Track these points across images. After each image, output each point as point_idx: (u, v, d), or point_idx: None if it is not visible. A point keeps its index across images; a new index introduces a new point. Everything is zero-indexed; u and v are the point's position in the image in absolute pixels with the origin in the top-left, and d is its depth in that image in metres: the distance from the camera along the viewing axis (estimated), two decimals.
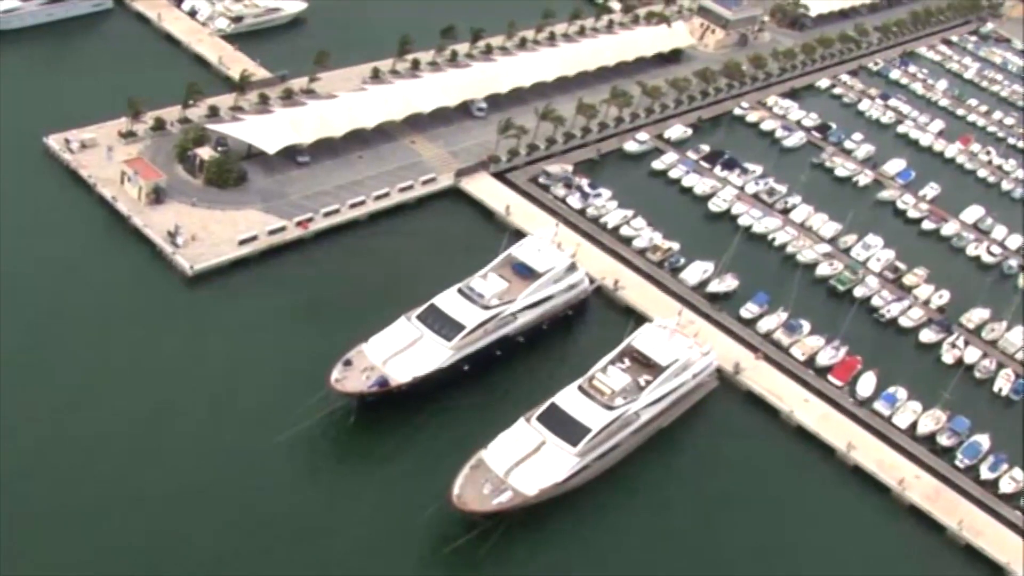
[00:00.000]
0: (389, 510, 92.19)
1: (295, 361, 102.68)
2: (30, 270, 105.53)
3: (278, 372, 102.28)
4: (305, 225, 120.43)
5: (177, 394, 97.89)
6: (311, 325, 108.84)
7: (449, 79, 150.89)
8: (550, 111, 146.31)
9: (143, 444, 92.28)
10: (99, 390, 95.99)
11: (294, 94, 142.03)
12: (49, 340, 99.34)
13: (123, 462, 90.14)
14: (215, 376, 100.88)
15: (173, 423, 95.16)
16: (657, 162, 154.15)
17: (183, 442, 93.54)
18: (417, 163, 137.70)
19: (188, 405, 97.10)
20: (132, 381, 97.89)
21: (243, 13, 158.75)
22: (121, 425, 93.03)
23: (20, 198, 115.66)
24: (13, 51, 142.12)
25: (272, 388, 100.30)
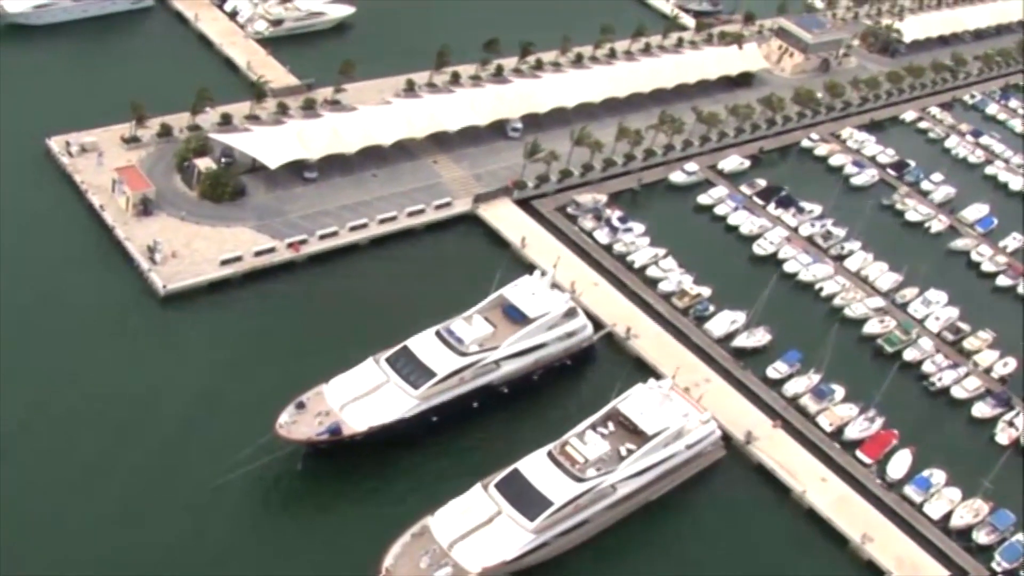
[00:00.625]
0: (318, 573, 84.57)
1: (255, 396, 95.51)
2: (1, 276, 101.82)
3: (234, 407, 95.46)
4: (296, 247, 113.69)
5: (120, 422, 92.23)
6: (281, 357, 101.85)
7: (484, 95, 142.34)
8: (585, 135, 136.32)
9: (70, 475, 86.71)
10: (43, 408, 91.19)
11: (316, 105, 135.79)
12: (3, 350, 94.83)
13: (43, 494, 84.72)
14: (165, 405, 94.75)
15: (110, 453, 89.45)
16: (704, 196, 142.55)
17: (116, 476, 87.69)
18: (435, 185, 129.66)
19: (129, 436, 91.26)
20: (76, 404, 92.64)
21: (283, 16, 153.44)
22: (49, 453, 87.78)
23: (10, 201, 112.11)
24: (41, 47, 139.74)
25: (223, 424, 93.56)
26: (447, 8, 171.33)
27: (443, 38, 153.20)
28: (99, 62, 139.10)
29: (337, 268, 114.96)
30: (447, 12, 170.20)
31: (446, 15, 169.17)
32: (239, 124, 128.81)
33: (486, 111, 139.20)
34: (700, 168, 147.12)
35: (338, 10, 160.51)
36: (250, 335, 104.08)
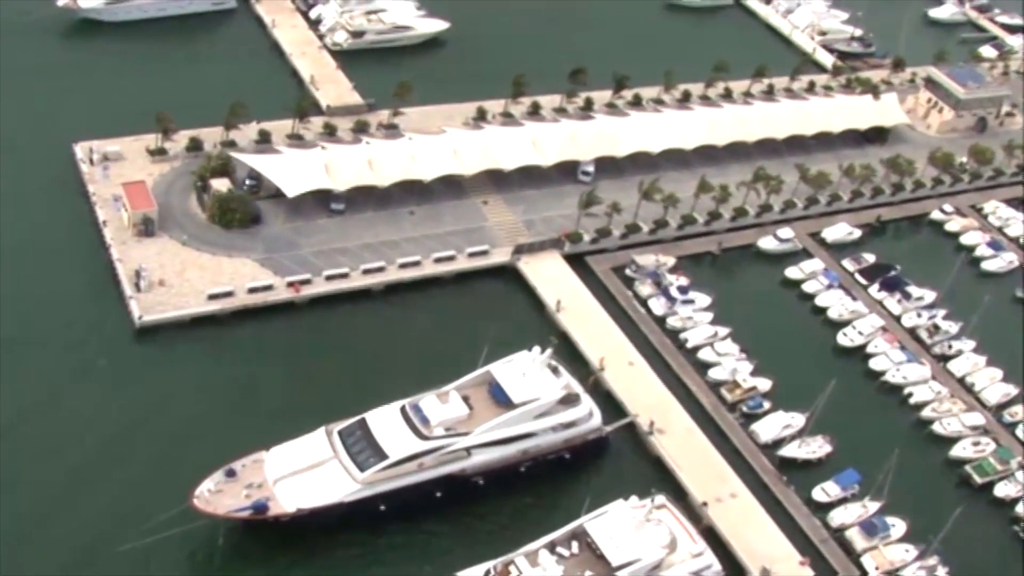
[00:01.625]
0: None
1: (199, 452, 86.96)
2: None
3: (172, 461, 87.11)
4: (296, 288, 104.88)
5: (52, 461, 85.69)
6: (243, 411, 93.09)
7: (551, 132, 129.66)
8: (655, 188, 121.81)
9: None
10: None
11: (369, 128, 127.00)
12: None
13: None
14: (105, 449, 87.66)
15: (28, 494, 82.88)
16: (794, 269, 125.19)
17: (24, 523, 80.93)
18: (478, 229, 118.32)
19: (55, 477, 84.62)
20: (15, 432, 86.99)
21: (365, 28, 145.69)
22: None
23: (22, 204, 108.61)
24: (107, 45, 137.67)
25: (155, 480, 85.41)
26: (555, 32, 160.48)
27: (542, 64, 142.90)
28: (161, 65, 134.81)
29: (340, 315, 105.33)
30: (554, 36, 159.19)
31: (552, 39, 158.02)
32: (279, 143, 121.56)
33: (552, 150, 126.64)
34: (797, 235, 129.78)
35: (430, 25, 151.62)
36: (219, 381, 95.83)
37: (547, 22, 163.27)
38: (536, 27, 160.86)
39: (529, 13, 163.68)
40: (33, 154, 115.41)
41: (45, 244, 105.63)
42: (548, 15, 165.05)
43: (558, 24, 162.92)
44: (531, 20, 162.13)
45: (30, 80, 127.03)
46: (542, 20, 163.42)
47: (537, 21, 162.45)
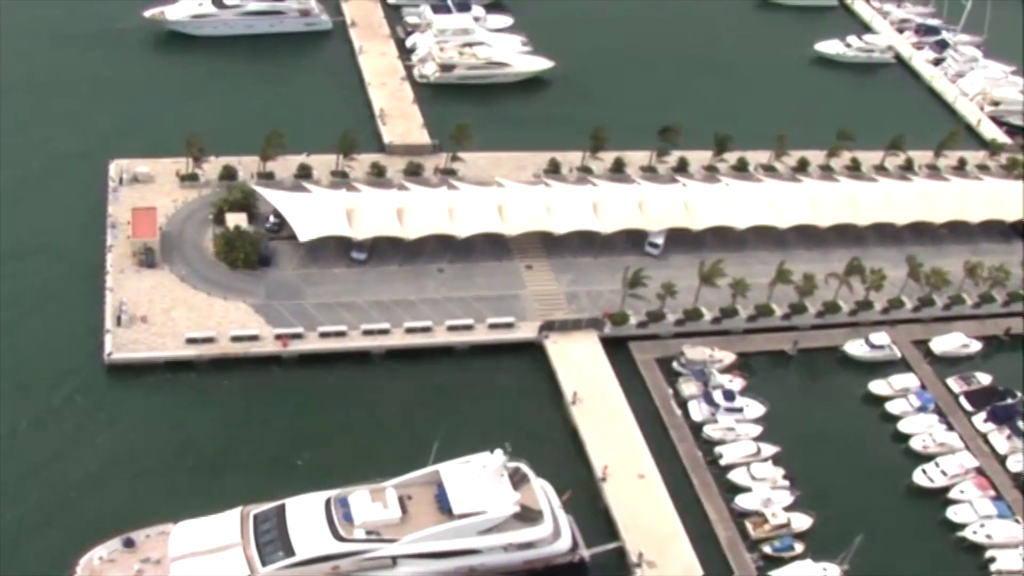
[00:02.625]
0: None
1: (113, 509, 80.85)
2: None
3: (76, 513, 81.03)
4: (285, 341, 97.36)
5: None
6: (181, 471, 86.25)
7: (617, 194, 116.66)
8: (718, 271, 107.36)
9: None
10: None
11: (422, 172, 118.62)
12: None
13: None
14: (18, 491, 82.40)
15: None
16: (880, 383, 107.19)
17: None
18: (512, 297, 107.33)
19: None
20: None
21: (456, 62, 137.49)
22: None
23: (42, 219, 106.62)
24: (184, 58, 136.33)
25: (45, 531, 79.47)
26: (680, 80, 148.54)
27: (652, 114, 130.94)
28: (234, 85, 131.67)
29: (328, 377, 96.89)
30: (678, 85, 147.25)
31: (675, 88, 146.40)
32: (321, 180, 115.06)
33: (615, 214, 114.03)
34: (898, 341, 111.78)
35: (532, 63, 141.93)
36: (170, 433, 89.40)
37: (675, 68, 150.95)
38: (659, 72, 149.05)
39: (658, 56, 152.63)
40: (73, 166, 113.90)
41: (49, 263, 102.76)
42: (680, 60, 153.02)
43: (687, 71, 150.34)
44: (657, 64, 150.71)
45: (98, 89, 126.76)
46: (669, 65, 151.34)
47: (663, 66, 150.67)
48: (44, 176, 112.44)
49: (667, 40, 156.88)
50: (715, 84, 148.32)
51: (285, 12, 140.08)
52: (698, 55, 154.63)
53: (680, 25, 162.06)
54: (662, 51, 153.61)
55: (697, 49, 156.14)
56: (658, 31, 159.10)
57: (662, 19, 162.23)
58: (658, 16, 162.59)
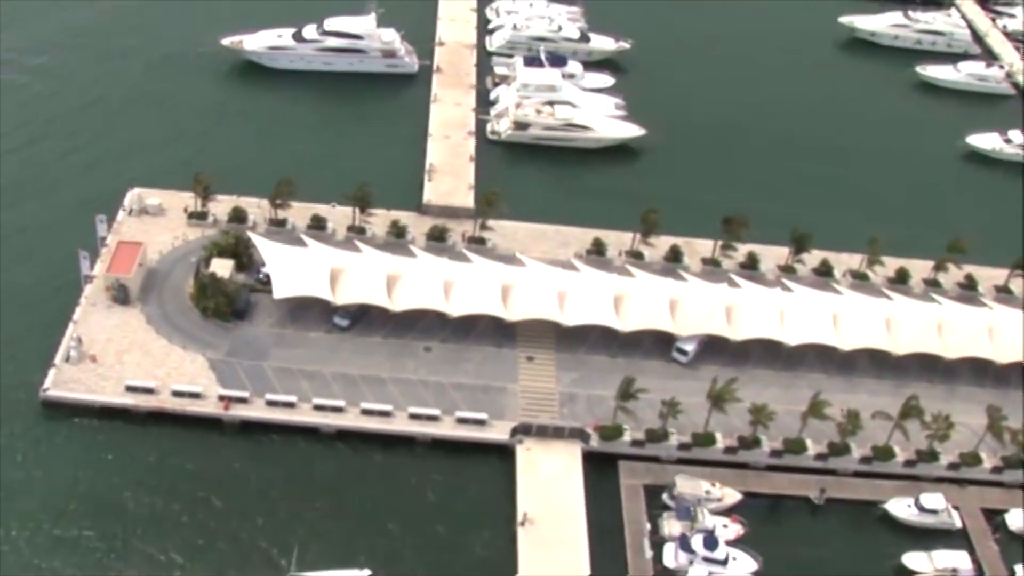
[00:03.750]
0: None
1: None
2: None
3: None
4: (227, 404, 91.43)
5: None
6: (60, 540, 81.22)
7: (644, 289, 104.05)
8: (729, 392, 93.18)
9: None
10: None
11: (446, 238, 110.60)
12: None
13: None
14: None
15: None
16: (919, 556, 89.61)
17: None
18: (498, 390, 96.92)
19: None
20: None
21: (531, 120, 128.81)
22: None
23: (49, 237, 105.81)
24: (255, 92, 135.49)
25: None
26: (798, 165, 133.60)
27: (737, 199, 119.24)
28: (294, 122, 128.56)
29: (268, 451, 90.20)
30: (777, 168, 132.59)
31: (771, 171, 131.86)
32: (337, 232, 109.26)
33: (637, 312, 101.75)
34: (963, 507, 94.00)
35: (619, 129, 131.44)
36: (74, 488, 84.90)
37: (790, 150, 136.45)
38: (768, 153, 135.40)
39: (773, 134, 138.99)
40: (101, 189, 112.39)
41: (35, 282, 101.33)
42: (799, 141, 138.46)
43: (801, 155, 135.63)
44: (769, 143, 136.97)
45: (158, 113, 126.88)
46: (784, 146, 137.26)
47: (776, 146, 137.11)
48: (68, 195, 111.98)
49: (789, 117, 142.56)
50: (832, 171, 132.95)
51: (367, 51, 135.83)
52: (821, 137, 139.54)
53: (813, 101, 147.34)
54: (780, 129, 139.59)
55: (823, 130, 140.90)
56: (783, 106, 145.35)
57: (793, 93, 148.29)
58: (791, 89, 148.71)
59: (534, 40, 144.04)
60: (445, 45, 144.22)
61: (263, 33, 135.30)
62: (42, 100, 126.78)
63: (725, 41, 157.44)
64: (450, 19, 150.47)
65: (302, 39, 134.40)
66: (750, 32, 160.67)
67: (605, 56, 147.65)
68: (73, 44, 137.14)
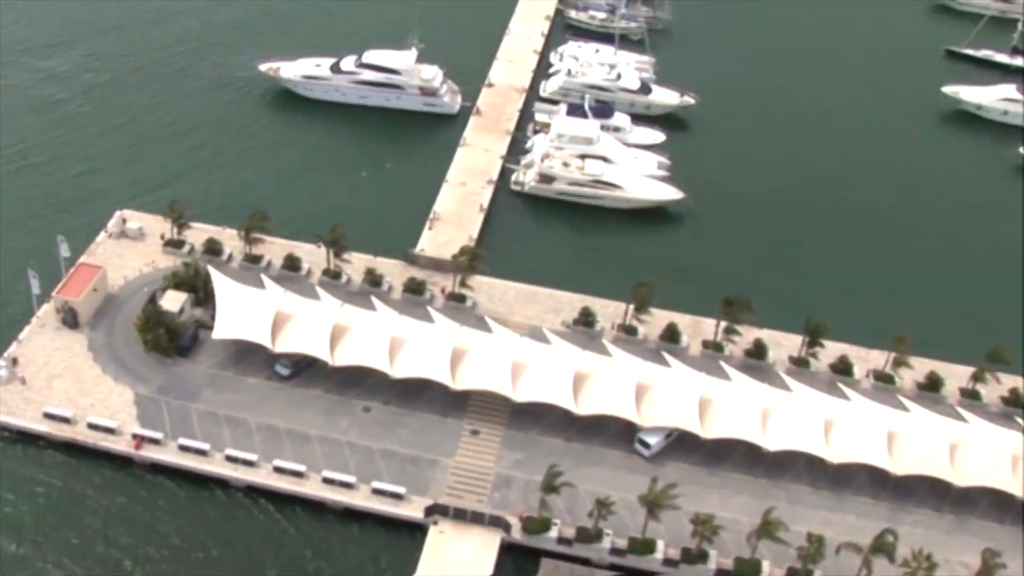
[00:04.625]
0: None
1: None
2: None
3: None
4: (139, 444, 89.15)
5: None
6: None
7: (621, 371, 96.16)
8: (665, 498, 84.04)
9: None
10: None
11: (423, 291, 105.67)
12: None
13: None
14: None
15: None
16: None
17: None
18: (429, 463, 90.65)
19: None
20: None
21: (557, 174, 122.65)
22: None
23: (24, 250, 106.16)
24: (285, 120, 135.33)
25: None
26: (829, 243, 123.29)
27: (771, 277, 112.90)
28: (309, 155, 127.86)
29: (172, 496, 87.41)
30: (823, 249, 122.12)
31: (816, 251, 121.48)
32: (314, 273, 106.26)
33: (597, 396, 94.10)
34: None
35: (652, 190, 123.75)
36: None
37: (863, 231, 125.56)
38: (833, 232, 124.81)
39: (830, 212, 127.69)
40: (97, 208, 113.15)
41: None
42: (874, 224, 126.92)
43: (873, 239, 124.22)
44: (835, 222, 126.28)
45: (176, 135, 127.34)
46: (857, 224, 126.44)
47: (847, 223, 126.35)
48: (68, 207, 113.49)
49: (861, 193, 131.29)
50: (897, 256, 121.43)
51: (404, 88, 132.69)
52: (895, 216, 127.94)
53: (894, 176, 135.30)
54: (846, 205, 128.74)
55: (899, 209, 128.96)
56: (857, 179, 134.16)
57: (872, 166, 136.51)
58: (870, 162, 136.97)
59: (589, 88, 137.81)
60: (494, 87, 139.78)
61: (302, 61, 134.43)
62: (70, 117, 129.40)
63: (807, 103, 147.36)
64: (508, 60, 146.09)
65: (339, 70, 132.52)
66: (837, 94, 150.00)
67: (666, 110, 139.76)
68: (118, 64, 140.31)
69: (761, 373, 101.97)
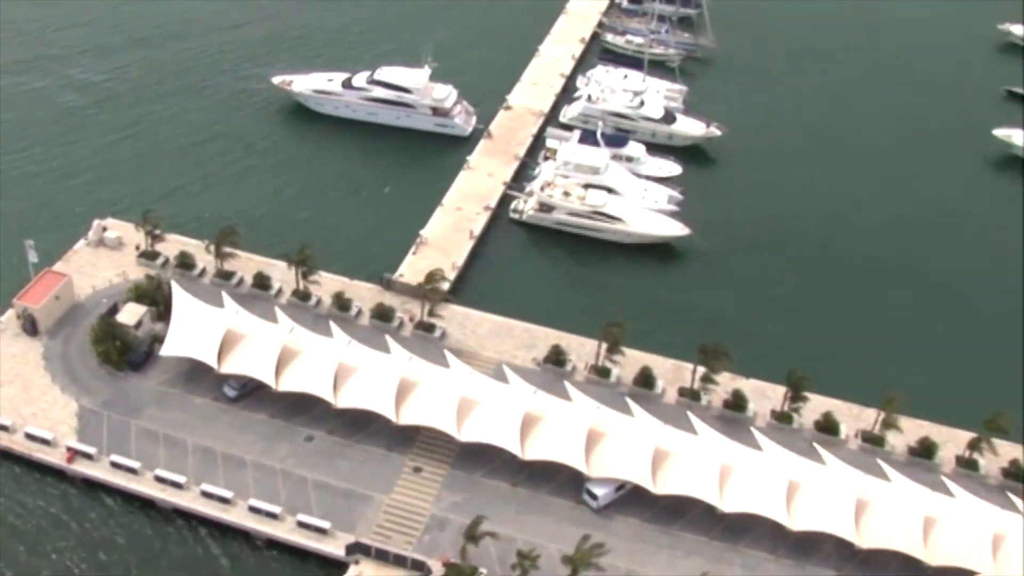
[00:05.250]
0: None
1: None
2: None
3: None
4: (71, 457, 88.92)
5: None
6: None
7: (574, 416, 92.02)
8: (588, 557, 79.55)
9: None
10: None
11: (391, 318, 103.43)
12: None
13: None
14: None
15: None
16: None
17: None
18: (362, 499, 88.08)
19: None
20: None
21: (557, 203, 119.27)
22: None
23: None
24: (292, 135, 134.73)
25: None
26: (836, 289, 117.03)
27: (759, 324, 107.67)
28: (311, 172, 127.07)
29: (107, 511, 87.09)
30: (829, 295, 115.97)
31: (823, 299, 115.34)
32: (279, 293, 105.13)
33: (544, 441, 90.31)
34: None
35: (656, 225, 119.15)
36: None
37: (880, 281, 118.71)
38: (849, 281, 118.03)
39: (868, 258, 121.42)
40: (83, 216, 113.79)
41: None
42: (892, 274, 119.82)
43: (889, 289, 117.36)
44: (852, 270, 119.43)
45: (178, 143, 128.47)
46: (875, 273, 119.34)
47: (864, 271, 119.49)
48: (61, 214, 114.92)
49: (886, 238, 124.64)
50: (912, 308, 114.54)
51: (415, 107, 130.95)
52: (920, 266, 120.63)
53: (925, 222, 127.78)
54: (867, 251, 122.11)
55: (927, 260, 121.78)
56: (884, 223, 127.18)
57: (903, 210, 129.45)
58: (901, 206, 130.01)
59: (609, 115, 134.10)
60: (512, 110, 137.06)
61: (315, 75, 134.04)
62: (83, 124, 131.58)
63: (845, 140, 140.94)
64: (532, 82, 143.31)
65: (350, 86, 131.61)
66: (878, 133, 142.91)
67: (690, 141, 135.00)
68: (141, 73, 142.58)
69: (736, 426, 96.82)
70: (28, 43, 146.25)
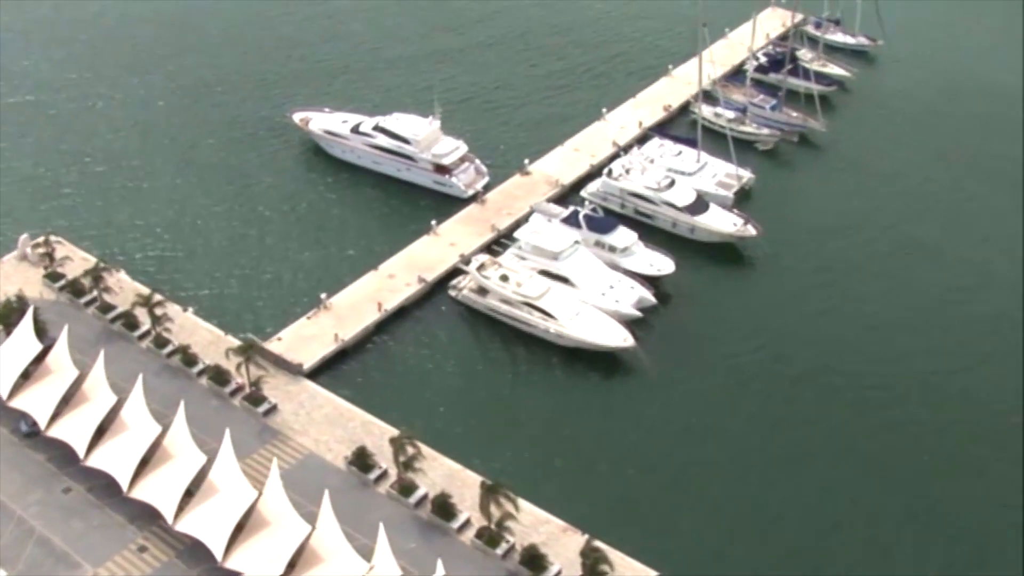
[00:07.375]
0: None
1: None
2: None
3: None
4: None
5: None
6: None
7: None
8: None
9: None
10: None
11: (228, 381, 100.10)
12: None
13: None
14: None
15: None
16: None
17: None
18: (71, 565, 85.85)
19: None
20: None
21: (491, 287, 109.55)
22: None
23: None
24: (297, 174, 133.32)
25: None
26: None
27: None
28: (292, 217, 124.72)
29: None
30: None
31: None
32: (148, 336, 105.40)
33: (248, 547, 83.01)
34: None
35: (592, 332, 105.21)
36: None
37: None
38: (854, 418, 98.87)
39: None
40: None
41: None
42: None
43: None
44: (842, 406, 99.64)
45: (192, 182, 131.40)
46: None
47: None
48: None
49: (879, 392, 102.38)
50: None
51: (415, 160, 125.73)
52: None
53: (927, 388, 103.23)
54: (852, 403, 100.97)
55: None
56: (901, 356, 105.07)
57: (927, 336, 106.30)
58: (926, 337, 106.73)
59: (630, 196, 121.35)
60: (529, 175, 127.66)
61: (334, 116, 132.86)
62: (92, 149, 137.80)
63: (920, 264, 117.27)
64: (573, 148, 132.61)
65: (357, 131, 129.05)
66: (929, 245, 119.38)
67: (717, 239, 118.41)
68: (170, 98, 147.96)
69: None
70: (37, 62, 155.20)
